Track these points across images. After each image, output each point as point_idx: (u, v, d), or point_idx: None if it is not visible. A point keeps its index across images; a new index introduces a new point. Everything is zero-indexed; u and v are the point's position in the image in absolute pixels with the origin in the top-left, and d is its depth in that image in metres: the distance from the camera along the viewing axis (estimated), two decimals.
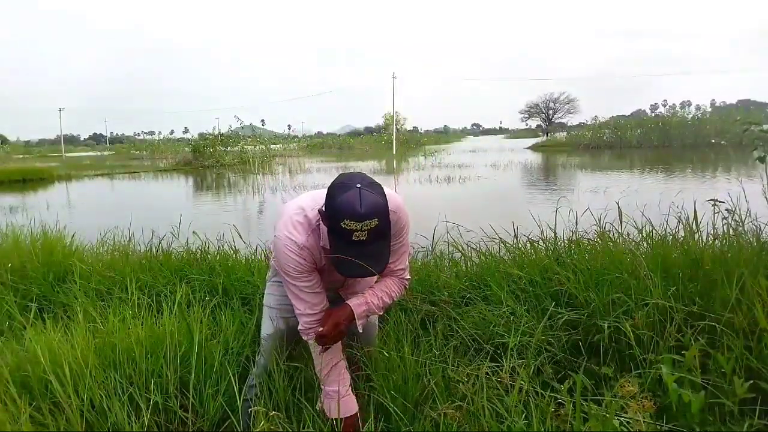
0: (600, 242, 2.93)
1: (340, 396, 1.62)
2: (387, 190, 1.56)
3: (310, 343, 1.68)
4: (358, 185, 1.45)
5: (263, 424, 1.51)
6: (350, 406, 1.66)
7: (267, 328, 1.88)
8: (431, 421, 1.59)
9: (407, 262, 1.78)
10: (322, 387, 1.68)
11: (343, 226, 1.42)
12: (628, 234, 2.97)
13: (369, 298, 1.67)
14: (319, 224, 1.60)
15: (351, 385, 1.71)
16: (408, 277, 1.79)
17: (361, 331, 1.71)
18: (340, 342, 1.69)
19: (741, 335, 1.76)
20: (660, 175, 16.09)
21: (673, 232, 2.87)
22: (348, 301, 1.66)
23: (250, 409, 1.71)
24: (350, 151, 42.87)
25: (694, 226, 2.73)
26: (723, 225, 2.71)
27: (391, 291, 1.73)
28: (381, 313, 1.76)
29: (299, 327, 1.68)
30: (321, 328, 1.60)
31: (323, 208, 1.51)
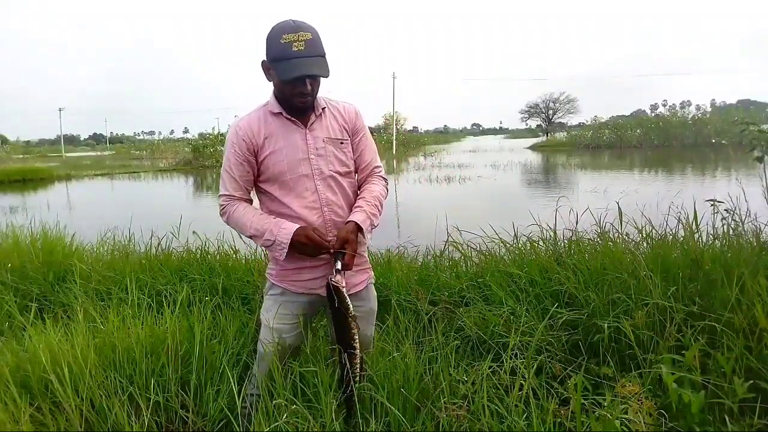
0: (600, 242, 2.93)
1: (276, 236, 1.65)
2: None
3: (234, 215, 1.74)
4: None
5: (286, 416, 1.51)
6: (287, 230, 1.65)
7: (263, 343, 1.82)
8: (432, 419, 1.59)
9: (379, 161, 1.91)
10: (260, 242, 1.70)
11: (282, 41, 1.58)
12: (627, 234, 2.97)
13: (364, 207, 1.74)
14: (266, 104, 1.75)
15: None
16: (385, 175, 1.91)
17: (368, 241, 1.76)
18: (254, 208, 1.76)
19: (741, 335, 1.76)
20: (660, 175, 16.11)
21: (673, 232, 2.87)
22: (350, 217, 1.72)
23: (248, 409, 1.70)
24: None
25: (693, 226, 2.73)
26: (723, 225, 2.71)
27: (378, 192, 1.81)
28: (378, 219, 1.78)
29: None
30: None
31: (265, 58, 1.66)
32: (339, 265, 1.62)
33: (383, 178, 1.90)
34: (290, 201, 1.72)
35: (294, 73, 1.58)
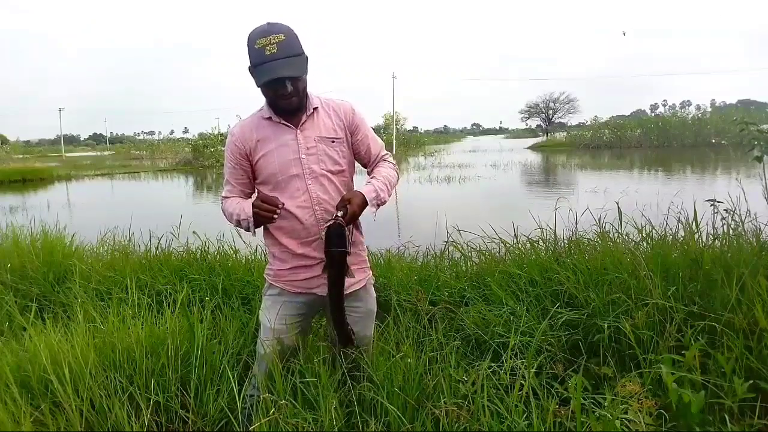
0: (600, 242, 2.93)
1: (247, 214, 1.73)
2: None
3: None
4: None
5: (272, 412, 1.51)
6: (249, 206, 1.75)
7: (262, 345, 1.82)
8: (432, 418, 1.59)
9: (385, 150, 1.97)
10: (241, 221, 1.76)
11: (256, 47, 1.60)
12: (627, 234, 2.97)
13: (373, 183, 1.78)
14: (261, 109, 1.79)
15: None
16: (393, 161, 1.95)
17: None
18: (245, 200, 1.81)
19: (741, 335, 1.76)
20: (660, 175, 16.11)
21: (673, 232, 2.87)
22: (359, 189, 1.76)
23: (248, 409, 1.71)
24: None
25: (693, 226, 2.73)
26: (722, 225, 2.71)
27: (388, 173, 1.86)
28: (386, 195, 1.81)
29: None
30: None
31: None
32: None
33: (393, 162, 1.93)
34: (283, 201, 1.74)
35: (265, 77, 1.61)
